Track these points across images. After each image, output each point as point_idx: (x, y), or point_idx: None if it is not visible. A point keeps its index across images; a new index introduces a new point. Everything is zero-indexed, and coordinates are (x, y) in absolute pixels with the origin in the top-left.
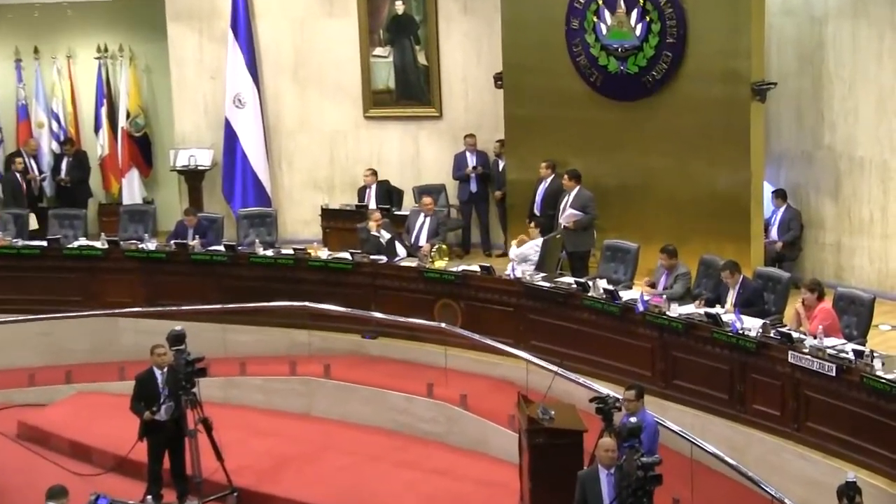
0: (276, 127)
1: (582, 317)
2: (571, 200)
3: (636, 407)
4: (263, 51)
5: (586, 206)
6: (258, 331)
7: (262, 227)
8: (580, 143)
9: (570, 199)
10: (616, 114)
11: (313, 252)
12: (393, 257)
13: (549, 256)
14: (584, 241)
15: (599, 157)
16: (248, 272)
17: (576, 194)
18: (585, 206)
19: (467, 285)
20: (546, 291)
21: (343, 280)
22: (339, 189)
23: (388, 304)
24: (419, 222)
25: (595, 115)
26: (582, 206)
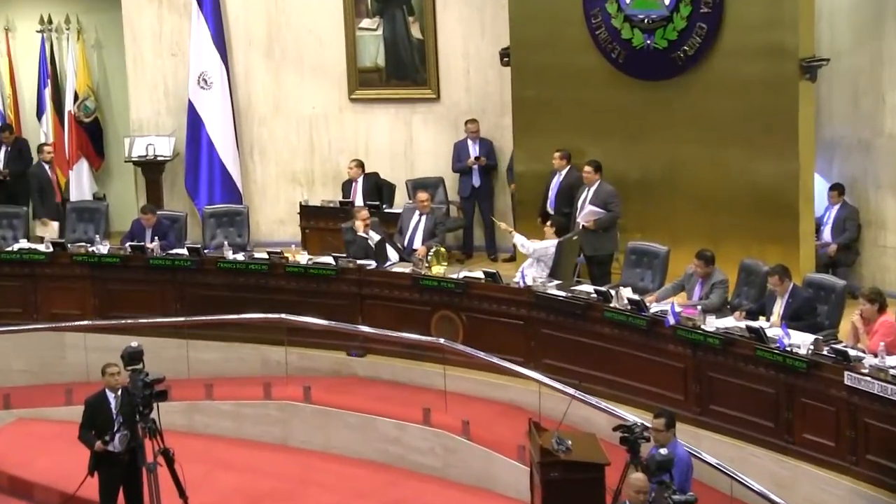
0: (248, 111)
1: (603, 331)
2: (591, 196)
3: (666, 438)
4: (232, 23)
5: (609, 203)
6: (227, 347)
7: (231, 228)
8: (599, 129)
9: (589, 195)
10: (641, 95)
11: (291, 256)
12: (383, 262)
13: (564, 261)
14: (606, 244)
15: (621, 147)
16: (215, 279)
17: (596, 189)
18: (608, 203)
19: (469, 295)
20: (561, 302)
21: (325, 288)
22: (320, 183)
23: (377, 316)
24: (413, 221)
25: (617, 97)
26: (604, 203)
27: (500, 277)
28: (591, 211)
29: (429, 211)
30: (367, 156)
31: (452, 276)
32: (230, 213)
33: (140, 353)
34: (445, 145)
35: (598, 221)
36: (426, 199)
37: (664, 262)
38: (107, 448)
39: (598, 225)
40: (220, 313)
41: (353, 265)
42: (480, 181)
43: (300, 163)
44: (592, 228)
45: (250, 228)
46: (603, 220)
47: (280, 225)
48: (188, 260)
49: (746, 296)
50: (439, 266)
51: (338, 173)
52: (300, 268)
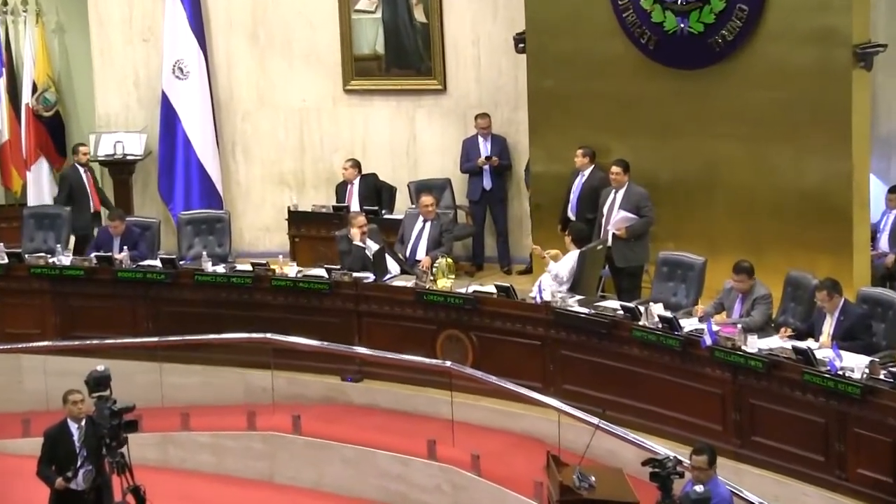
0: (229, 104)
1: (631, 353)
2: (621, 200)
3: (707, 476)
4: (212, 5)
5: (642, 207)
6: (206, 371)
7: (210, 236)
8: (627, 125)
9: (618, 199)
10: (674, 86)
11: (278, 268)
12: (382, 275)
13: (587, 274)
14: (638, 254)
15: (651, 144)
16: (192, 295)
17: (626, 192)
18: (640, 207)
19: (480, 311)
20: (584, 319)
21: (317, 305)
22: (311, 185)
23: (376, 335)
24: (416, 229)
25: (646, 88)
26: (636, 207)
27: (514, 292)
28: (624, 217)
29: (434, 217)
30: (365, 155)
31: (460, 291)
32: (209, 219)
33: (107, 379)
34: (453, 143)
35: (631, 229)
36: (431, 203)
37: (700, 275)
38: (69, 486)
39: (630, 233)
40: (198, 333)
41: (348, 278)
42: (492, 183)
43: (289, 163)
44: (624, 237)
45: (232, 237)
46: (636, 227)
47: (266, 233)
48: (161, 273)
49: (793, 313)
50: (446, 279)
51: (331, 174)
52: (288, 281)
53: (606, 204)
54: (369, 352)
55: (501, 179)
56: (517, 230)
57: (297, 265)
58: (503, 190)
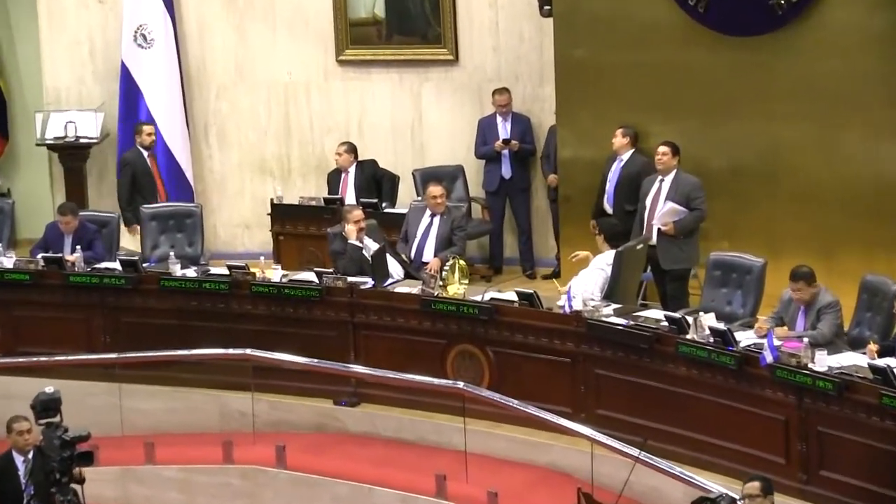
0: (201, 78)
1: (677, 372)
2: (668, 189)
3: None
4: None
5: (693, 199)
6: (174, 394)
7: (179, 234)
8: (672, 102)
9: (664, 188)
10: (728, 57)
11: (259, 272)
12: (383, 279)
13: (625, 278)
14: (687, 255)
15: (702, 126)
16: (158, 303)
17: (675, 179)
18: (692, 199)
19: (498, 323)
20: (621, 332)
21: (306, 315)
22: (298, 174)
23: (375, 351)
24: (423, 225)
25: (696, 59)
26: (686, 199)
27: (539, 300)
28: (671, 209)
29: (443, 211)
30: (362, 138)
31: (475, 299)
32: (178, 214)
33: (57, 402)
34: (466, 123)
35: (680, 224)
36: (440, 194)
37: (759, 280)
38: None
39: (678, 229)
40: (165, 348)
41: (342, 284)
42: (512, 171)
43: (272, 147)
44: (671, 233)
45: (205, 235)
46: (685, 223)
47: (245, 230)
48: (121, 277)
49: (869, 324)
50: (458, 285)
51: (322, 161)
52: (271, 287)
53: (650, 194)
54: (367, 370)
55: (524, 167)
56: (542, 227)
57: (281, 268)
58: (526, 179)
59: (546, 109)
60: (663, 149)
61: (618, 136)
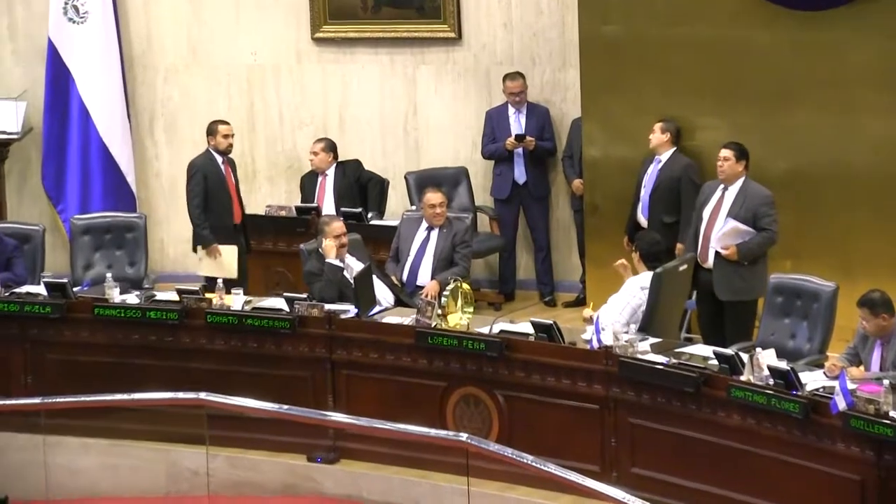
0: (147, 60)
1: (729, 421)
2: (733, 203)
3: None
4: None
5: (762, 217)
6: (111, 448)
7: (118, 251)
8: (722, 89)
9: (727, 200)
10: (793, 36)
11: (216, 298)
12: (368, 307)
13: (664, 305)
14: (751, 284)
15: (757, 117)
16: (91, 336)
17: (740, 191)
18: (760, 217)
19: (510, 361)
20: (661, 373)
21: (273, 351)
22: (264, 178)
23: (359, 396)
24: (418, 241)
25: (753, 37)
26: (753, 216)
27: (559, 332)
28: (735, 230)
29: (443, 223)
30: (343, 133)
31: (482, 332)
32: (117, 226)
33: None
34: (471, 115)
35: (745, 248)
36: (439, 203)
37: (829, 308)
38: None
39: (742, 253)
40: (100, 392)
41: (318, 312)
42: (528, 174)
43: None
44: (733, 258)
45: (149, 252)
46: (751, 246)
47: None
48: (47, 304)
49: None
50: (460, 314)
51: (294, 161)
52: (232, 317)
53: (709, 206)
54: (349, 419)
55: (542, 169)
56: (564, 242)
57: (244, 293)
58: (544, 184)
59: (569, 99)
60: (725, 153)
61: (656, 132)
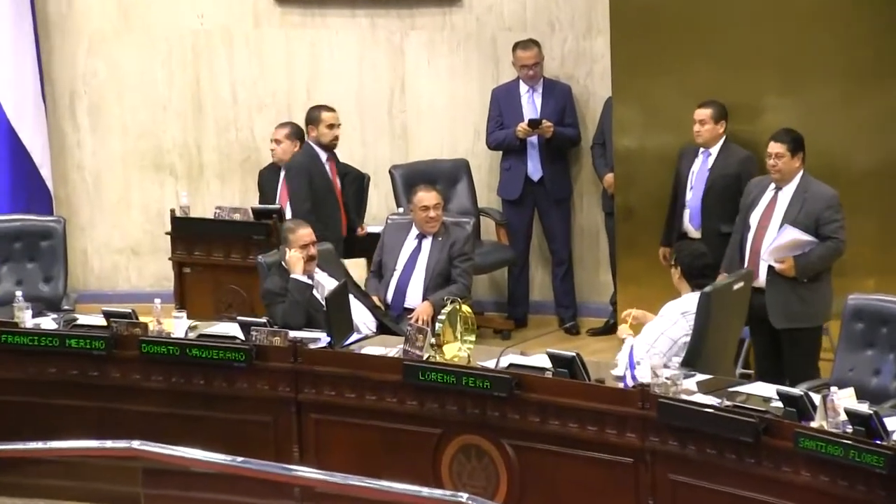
0: (66, 26)
1: (797, 479)
2: (788, 206)
3: None
4: None
5: (826, 223)
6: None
7: (30, 263)
8: (789, 62)
9: (781, 202)
10: None
11: (153, 323)
12: (344, 335)
13: (717, 334)
14: (814, 309)
15: (836, 99)
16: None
17: (797, 191)
18: (823, 223)
19: (522, 403)
20: (711, 418)
21: (224, 390)
22: (213, 173)
23: (331, 446)
24: (407, 252)
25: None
26: (815, 222)
27: (583, 367)
28: (791, 240)
29: (439, 231)
30: None
31: (486, 366)
32: (29, 232)
33: None
34: (473, 95)
35: (805, 260)
36: (434, 205)
37: None
38: None
39: (801, 268)
40: (8, 440)
41: (280, 341)
42: (544, 169)
43: (174, 130)
44: (790, 275)
45: (69, 266)
46: (813, 259)
47: (131, 259)
48: None
49: None
50: (459, 344)
51: (251, 152)
52: (172, 347)
53: (757, 210)
54: (319, 475)
55: (562, 163)
56: (590, 254)
57: (187, 317)
58: (565, 181)
59: (596, 74)
60: (777, 147)
61: (706, 122)
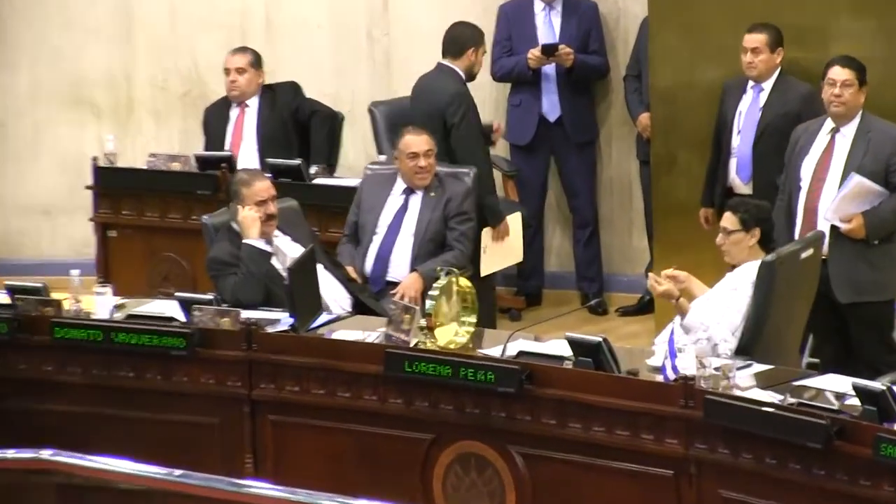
0: None
1: (879, 494)
2: (851, 151)
3: None
4: None
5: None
6: None
7: None
8: None
9: (841, 147)
10: None
11: (70, 300)
12: (310, 315)
13: (781, 313)
14: (886, 276)
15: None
16: None
17: (859, 131)
18: (895, 168)
19: (535, 401)
20: (772, 419)
21: (160, 384)
22: (146, 110)
23: (295, 454)
24: (392, 211)
25: None
26: (884, 169)
27: (612, 355)
28: (860, 189)
29: (431, 184)
30: (271, 40)
31: (489, 354)
32: None
33: None
34: (472, 12)
35: (876, 216)
36: (425, 151)
37: None
38: None
39: (872, 226)
40: None
41: (231, 324)
42: (563, 107)
43: (97, 56)
44: (858, 236)
45: None
46: (887, 215)
47: (42, 220)
48: None
49: None
50: (456, 326)
51: (194, 85)
52: (94, 331)
53: (810, 160)
54: (279, 492)
55: (585, 98)
56: (622, 215)
57: (112, 292)
58: (589, 123)
59: None
60: (844, 74)
61: (760, 50)
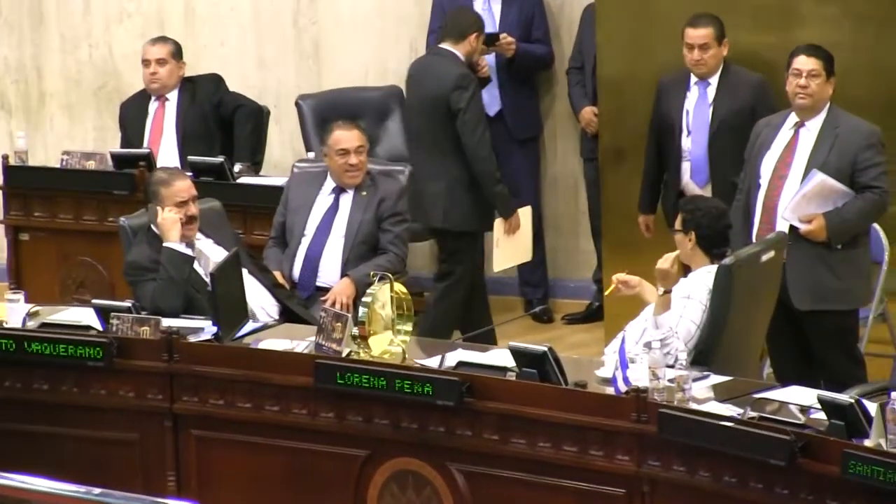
0: None
1: None
2: (814, 148)
3: None
4: None
5: (864, 167)
6: None
7: None
8: None
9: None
10: None
11: None
12: (235, 324)
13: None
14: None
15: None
16: None
17: (823, 127)
18: (861, 167)
19: (475, 415)
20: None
21: (76, 398)
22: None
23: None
24: (321, 211)
25: None
26: (849, 165)
27: (557, 366)
28: (821, 188)
29: (363, 183)
30: (192, 29)
31: (427, 365)
32: None
33: None
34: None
35: (838, 217)
36: (356, 147)
37: None
38: None
39: (834, 229)
40: None
41: (150, 333)
42: (503, 101)
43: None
44: (819, 238)
45: None
46: (850, 216)
47: None
48: None
49: None
50: (392, 335)
51: (109, 77)
52: (4, 340)
53: (770, 156)
54: None
55: (527, 91)
56: (567, 216)
57: (24, 300)
58: (532, 117)
59: None
60: (811, 63)
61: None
